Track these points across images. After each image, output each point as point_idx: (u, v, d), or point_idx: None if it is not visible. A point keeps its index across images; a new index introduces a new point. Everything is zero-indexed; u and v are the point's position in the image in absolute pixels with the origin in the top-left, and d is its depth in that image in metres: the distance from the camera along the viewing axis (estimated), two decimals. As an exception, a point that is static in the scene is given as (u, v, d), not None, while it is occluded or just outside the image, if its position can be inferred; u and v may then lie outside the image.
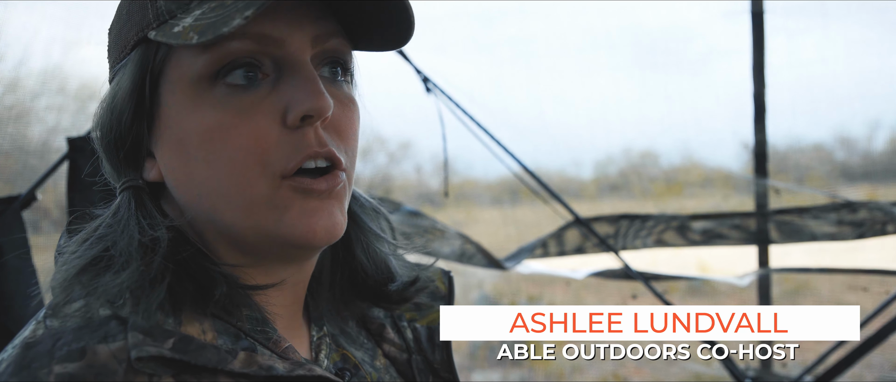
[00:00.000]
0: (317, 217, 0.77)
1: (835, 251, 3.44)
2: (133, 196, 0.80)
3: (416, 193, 6.15)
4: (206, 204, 0.78)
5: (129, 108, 0.78)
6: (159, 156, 0.80)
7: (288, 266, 0.84)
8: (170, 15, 0.75)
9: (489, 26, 4.46)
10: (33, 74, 3.08)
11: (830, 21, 3.61)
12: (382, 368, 0.96)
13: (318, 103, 0.74)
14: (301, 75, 0.76)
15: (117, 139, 0.80)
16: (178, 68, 0.76)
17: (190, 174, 0.77)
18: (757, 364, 4.04)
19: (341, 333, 0.96)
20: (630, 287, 3.90)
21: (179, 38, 0.71)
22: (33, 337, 0.70)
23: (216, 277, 0.77)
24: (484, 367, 7.12)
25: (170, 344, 0.70)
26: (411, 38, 0.81)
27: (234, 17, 0.69)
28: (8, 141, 3.08)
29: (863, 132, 4.33)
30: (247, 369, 0.72)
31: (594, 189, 5.21)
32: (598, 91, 4.10)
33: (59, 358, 0.67)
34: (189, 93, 0.76)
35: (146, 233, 0.75)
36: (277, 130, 0.75)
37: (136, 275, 0.72)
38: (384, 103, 3.49)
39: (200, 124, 0.75)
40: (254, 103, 0.75)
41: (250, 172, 0.75)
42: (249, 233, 0.78)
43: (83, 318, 0.71)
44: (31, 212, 2.87)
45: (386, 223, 1.02)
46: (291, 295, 0.87)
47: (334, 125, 0.79)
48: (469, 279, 6.97)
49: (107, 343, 0.69)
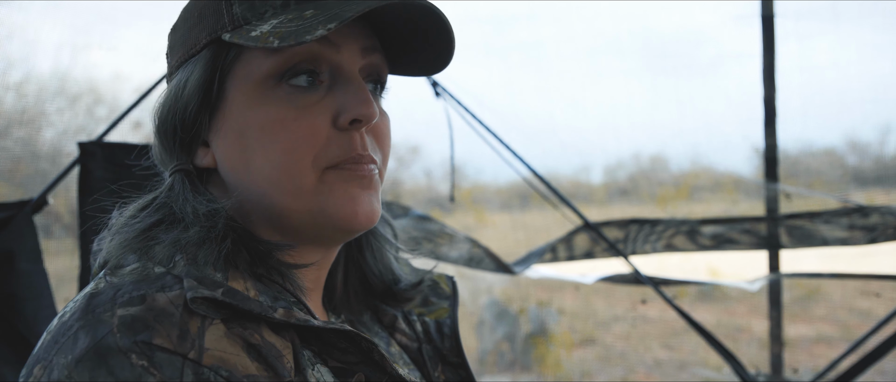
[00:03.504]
0: (358, 203, 0.88)
1: (846, 256, 3.41)
2: (185, 177, 0.90)
3: (425, 197, 6.16)
4: (257, 189, 0.88)
5: (196, 99, 0.89)
6: (216, 144, 0.90)
7: (321, 249, 0.94)
8: (245, 21, 0.86)
9: (499, 30, 4.46)
10: (43, 78, 3.10)
11: (841, 25, 3.60)
12: (397, 353, 1.07)
13: (367, 110, 0.86)
14: (353, 85, 0.88)
15: (179, 127, 0.90)
16: (246, 67, 0.87)
17: (247, 161, 0.87)
18: (767, 369, 4.02)
19: (358, 321, 1.07)
20: (640, 292, 3.89)
21: (258, 41, 0.82)
22: (96, 289, 0.79)
23: (265, 251, 0.87)
24: (493, 372, 7.11)
25: (220, 292, 0.77)
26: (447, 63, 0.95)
27: (317, 28, 0.80)
28: (19, 145, 3.09)
29: (874, 136, 4.32)
30: (287, 319, 0.80)
31: (604, 194, 5.20)
32: (609, 95, 4.10)
33: (121, 303, 0.75)
34: (255, 90, 0.87)
35: (204, 204, 0.86)
36: (328, 129, 0.87)
37: (203, 233, 0.83)
38: (393, 107, 3.48)
39: (263, 117, 0.86)
40: (311, 104, 0.87)
41: (302, 162, 0.85)
42: (297, 215, 0.88)
43: (140, 275, 0.80)
44: (43, 216, 2.88)
45: (390, 229, 1.13)
46: (314, 282, 0.97)
47: (375, 132, 0.92)
48: (478, 284, 6.97)
49: (164, 291, 0.77)
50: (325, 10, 0.83)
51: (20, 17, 2.95)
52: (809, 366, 5.13)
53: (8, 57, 2.93)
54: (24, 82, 3.03)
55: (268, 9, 0.86)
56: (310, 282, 0.95)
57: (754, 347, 5.57)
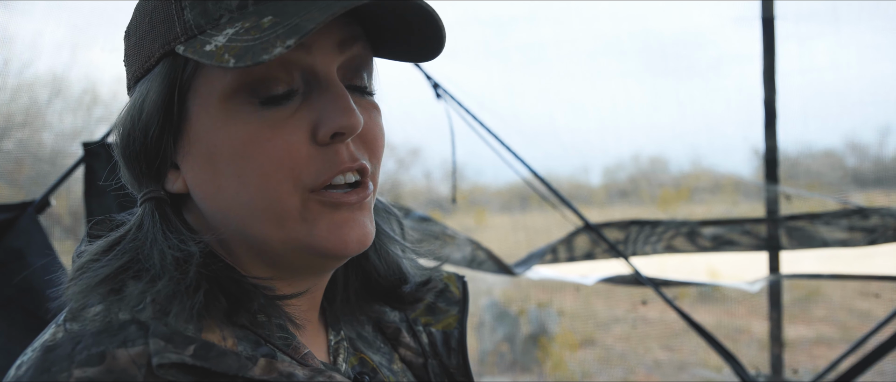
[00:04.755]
0: (348, 229, 0.78)
1: (846, 258, 3.42)
2: (156, 208, 0.80)
3: (425, 198, 6.17)
4: (236, 218, 0.78)
5: (157, 121, 0.78)
6: (186, 169, 0.80)
7: (314, 277, 0.85)
8: (199, 30, 0.75)
9: (500, 32, 4.46)
10: (42, 79, 3.10)
11: (841, 27, 3.60)
12: (400, 371, 0.97)
13: (349, 121, 0.75)
14: (331, 91, 0.76)
15: (142, 151, 0.80)
16: (207, 84, 0.76)
17: (220, 188, 0.77)
18: (767, 369, 4.02)
19: (358, 337, 0.97)
20: (640, 293, 3.89)
21: (213, 58, 0.71)
22: (53, 341, 0.71)
23: (249, 289, 0.78)
24: (494, 373, 7.11)
25: (191, 351, 0.70)
26: (440, 50, 0.82)
27: (275, 45, 0.68)
28: (20, 147, 3.10)
29: (874, 138, 4.32)
30: (267, 376, 0.73)
31: (604, 195, 5.21)
32: (609, 97, 4.10)
33: (78, 362, 0.67)
34: (219, 107, 0.76)
35: (176, 247, 0.76)
36: (307, 145, 0.76)
37: (172, 285, 0.73)
38: (394, 109, 3.50)
39: (232, 139, 0.75)
40: (284, 118, 0.75)
41: (282, 186, 0.75)
42: (281, 246, 0.78)
43: (102, 322, 0.72)
44: (43, 218, 2.88)
45: (397, 224, 1.03)
46: (310, 302, 0.88)
47: (363, 138, 0.80)
48: (479, 285, 6.97)
49: (126, 347, 0.69)
50: (284, 17, 0.72)
51: (21, 19, 2.96)
52: (809, 367, 5.14)
53: (9, 58, 2.94)
54: (25, 83, 3.04)
55: (223, 13, 0.75)
56: (304, 307, 0.86)
57: (754, 348, 5.58)
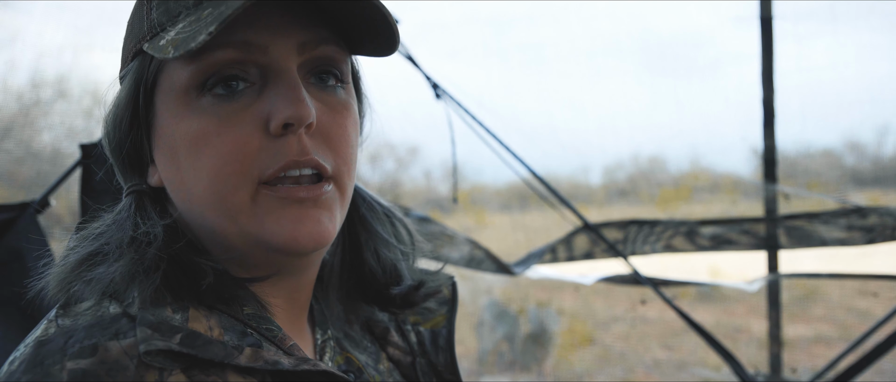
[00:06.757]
0: (301, 224, 0.77)
1: (845, 257, 3.42)
2: (135, 199, 0.83)
3: (424, 198, 6.18)
4: (195, 209, 0.80)
5: (127, 117, 0.82)
6: (158, 163, 0.83)
7: (288, 276, 0.86)
8: (160, 27, 0.77)
9: (499, 32, 4.46)
10: (44, 80, 3.10)
11: (840, 26, 3.61)
12: (386, 371, 0.98)
13: (298, 112, 0.75)
14: (283, 83, 0.77)
15: (119, 146, 0.84)
16: (168, 79, 0.79)
17: (181, 180, 0.80)
18: (766, 369, 4.03)
19: (345, 336, 0.98)
20: (639, 293, 3.89)
21: (161, 51, 0.74)
22: (45, 335, 0.72)
23: (204, 268, 0.79)
24: (493, 372, 7.12)
25: (177, 339, 0.72)
26: (396, 45, 0.82)
27: (201, 33, 0.70)
28: (22, 147, 3.10)
29: (872, 137, 4.33)
30: (253, 363, 0.74)
31: (603, 195, 5.22)
32: (608, 96, 4.10)
33: (71, 355, 0.68)
34: (178, 102, 0.78)
35: (139, 228, 0.79)
36: (260, 137, 0.77)
37: (130, 266, 0.75)
38: (393, 109, 3.50)
39: (187, 132, 0.77)
40: (237, 111, 0.77)
41: (232, 179, 0.76)
42: (237, 240, 0.80)
43: (94, 316, 0.73)
44: (43, 218, 2.89)
45: (402, 227, 1.03)
46: (290, 296, 0.88)
47: (322, 133, 0.80)
48: (478, 285, 6.98)
49: (118, 339, 0.71)
50: (217, 7, 0.73)
51: (22, 19, 2.96)
52: (808, 366, 5.14)
53: (9, 59, 2.94)
54: (25, 84, 3.04)
55: (181, 10, 0.77)
56: (280, 295, 0.86)
57: (753, 347, 5.58)
